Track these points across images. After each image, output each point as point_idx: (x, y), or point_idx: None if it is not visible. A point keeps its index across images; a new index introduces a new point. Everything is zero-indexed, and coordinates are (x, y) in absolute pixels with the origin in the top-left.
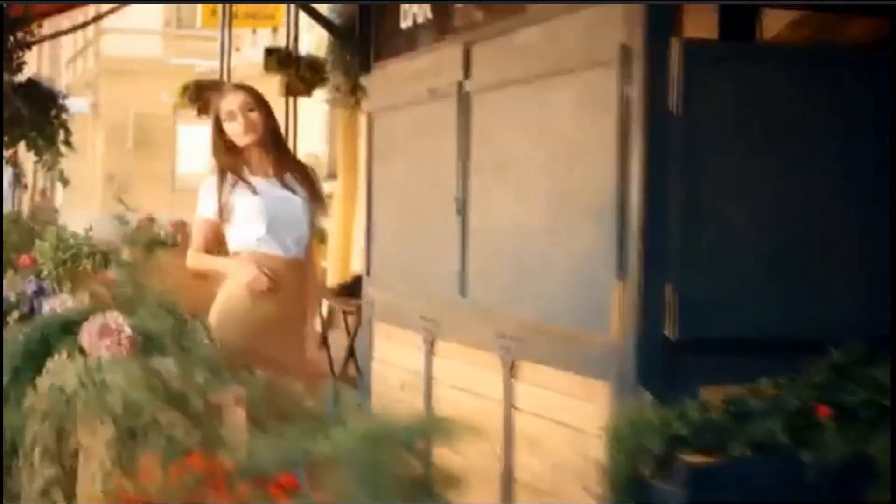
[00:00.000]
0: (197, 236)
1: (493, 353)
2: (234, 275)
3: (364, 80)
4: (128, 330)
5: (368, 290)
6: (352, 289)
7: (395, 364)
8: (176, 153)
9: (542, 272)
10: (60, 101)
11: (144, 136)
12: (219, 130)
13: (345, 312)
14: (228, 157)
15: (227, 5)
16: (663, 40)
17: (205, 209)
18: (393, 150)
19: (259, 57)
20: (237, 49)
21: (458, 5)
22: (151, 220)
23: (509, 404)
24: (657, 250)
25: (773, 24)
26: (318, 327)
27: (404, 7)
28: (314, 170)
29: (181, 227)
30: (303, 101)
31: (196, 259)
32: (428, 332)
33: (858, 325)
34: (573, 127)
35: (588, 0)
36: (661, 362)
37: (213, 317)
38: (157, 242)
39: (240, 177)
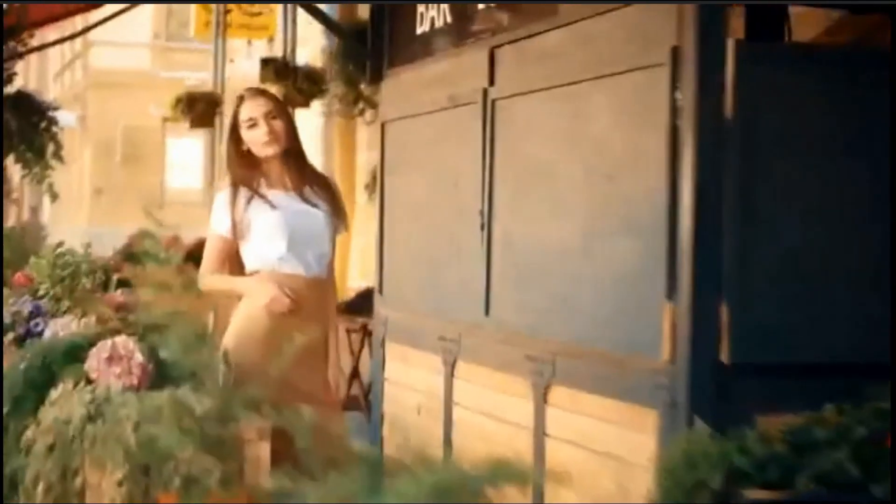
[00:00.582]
0: (210, 255)
1: (522, 376)
2: (253, 295)
3: (376, 89)
4: (139, 356)
5: (380, 308)
6: (353, 306)
7: (411, 386)
8: (165, 167)
9: (578, 291)
10: (50, 114)
11: (133, 150)
12: (236, 139)
13: (348, 331)
14: (244, 168)
15: (222, 15)
16: (717, 41)
17: (219, 225)
18: (409, 161)
19: (253, 69)
20: (231, 60)
21: (480, 8)
22: (143, 234)
23: (541, 432)
24: (710, 268)
25: (803, 30)
26: (341, 354)
27: (420, 10)
28: (336, 182)
29: (174, 243)
30: (298, 112)
31: (210, 279)
32: (448, 353)
33: None
34: (613, 135)
35: (615, 0)
36: (715, 388)
37: (230, 340)
38: (154, 260)
39: (256, 191)
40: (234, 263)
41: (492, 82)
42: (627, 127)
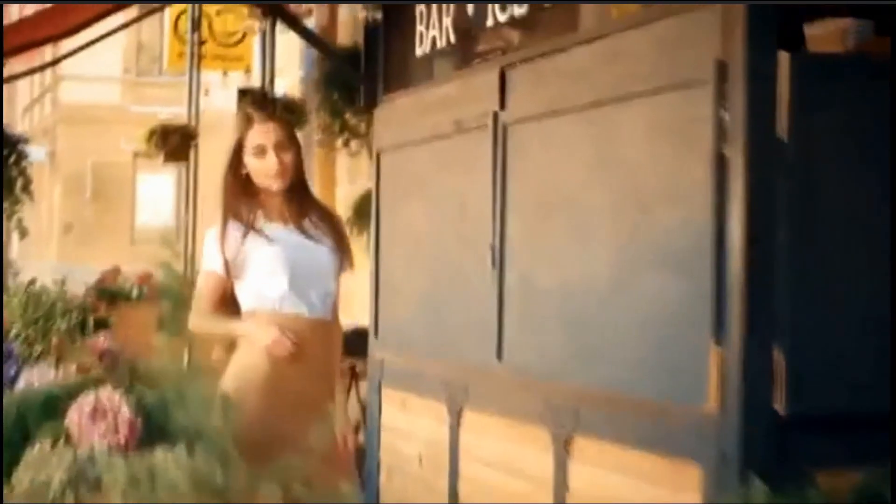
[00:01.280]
0: (203, 295)
1: (540, 426)
2: (252, 338)
3: (361, 118)
4: (126, 411)
5: (375, 351)
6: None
7: (411, 435)
8: (135, 204)
9: (608, 332)
10: (20, 147)
11: (103, 186)
12: (236, 165)
13: None
14: (240, 198)
15: (196, 46)
16: (768, 53)
17: (212, 262)
18: (408, 191)
19: (229, 100)
20: (206, 92)
21: (488, 26)
22: (117, 271)
23: (562, 488)
24: (763, 308)
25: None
26: (348, 406)
27: (420, 29)
28: (339, 216)
29: (148, 280)
30: None
31: (203, 321)
32: (453, 400)
33: None
34: (647, 160)
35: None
36: (769, 441)
37: (226, 388)
38: (124, 296)
39: (251, 226)
40: (228, 304)
41: (503, 105)
42: (664, 151)
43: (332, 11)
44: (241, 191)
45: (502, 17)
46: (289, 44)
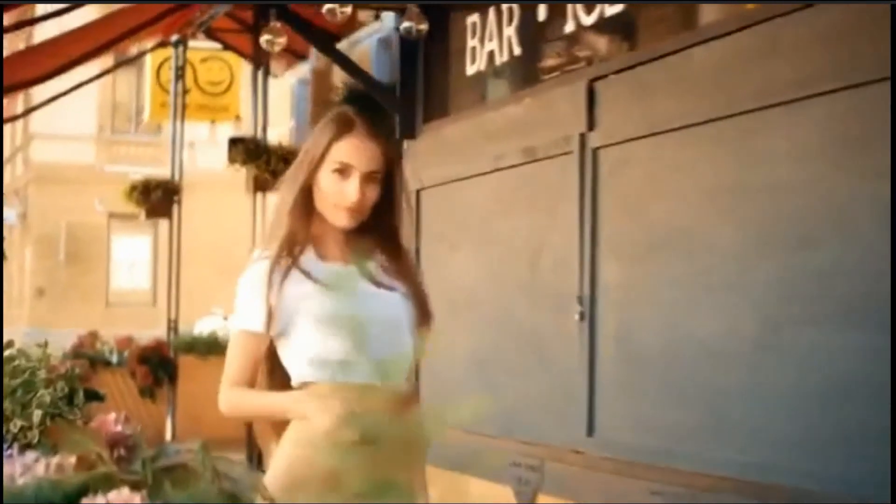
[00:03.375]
0: (236, 361)
1: None
2: (306, 419)
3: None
4: None
5: None
6: None
7: None
8: (109, 266)
9: (742, 403)
10: None
11: (77, 248)
12: (309, 175)
13: None
14: (302, 227)
15: (179, 96)
16: None
17: (250, 316)
18: (457, 235)
19: (217, 152)
20: (191, 144)
21: (567, 31)
22: (95, 336)
23: None
24: None
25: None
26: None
27: (472, 44)
28: (410, 253)
29: (129, 344)
30: (270, 197)
31: (237, 397)
32: (524, 483)
33: None
34: (800, 180)
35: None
36: None
37: (275, 487)
38: (102, 361)
39: (296, 263)
40: (275, 371)
41: (591, 126)
42: (824, 170)
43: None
44: (304, 215)
45: (588, 20)
46: (279, 93)
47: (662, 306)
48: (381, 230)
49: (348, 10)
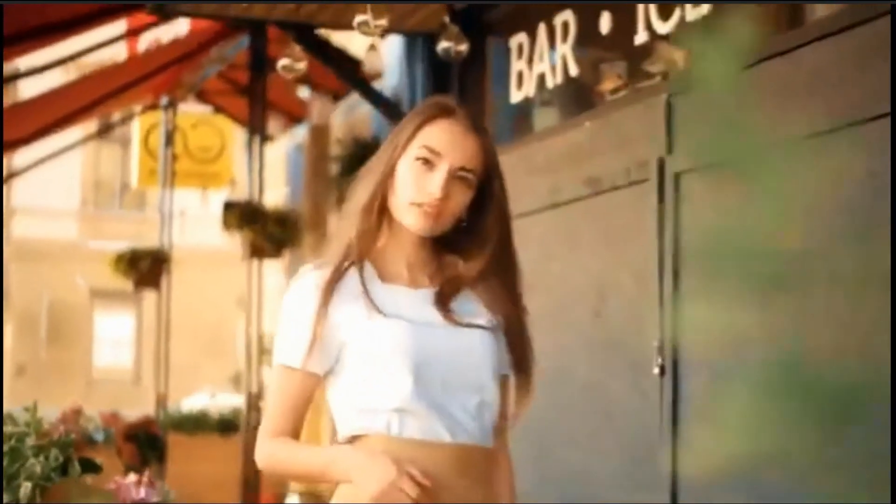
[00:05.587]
0: (274, 406)
1: None
2: (355, 479)
3: None
4: None
5: None
6: None
7: None
8: (92, 343)
9: None
10: None
11: (58, 325)
12: (389, 164)
13: None
14: (374, 227)
15: (168, 162)
16: None
17: (288, 348)
18: None
19: (199, 232)
20: (181, 213)
21: (638, 42)
22: (79, 411)
23: None
24: None
25: None
26: None
27: (520, 68)
28: (515, 269)
29: (115, 421)
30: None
31: (278, 450)
32: None
33: None
34: None
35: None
36: None
37: None
38: (87, 438)
39: (357, 280)
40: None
41: (670, 148)
42: None
43: (325, 109)
44: (376, 218)
45: (664, 28)
46: (273, 159)
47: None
48: (468, 248)
49: (384, 22)
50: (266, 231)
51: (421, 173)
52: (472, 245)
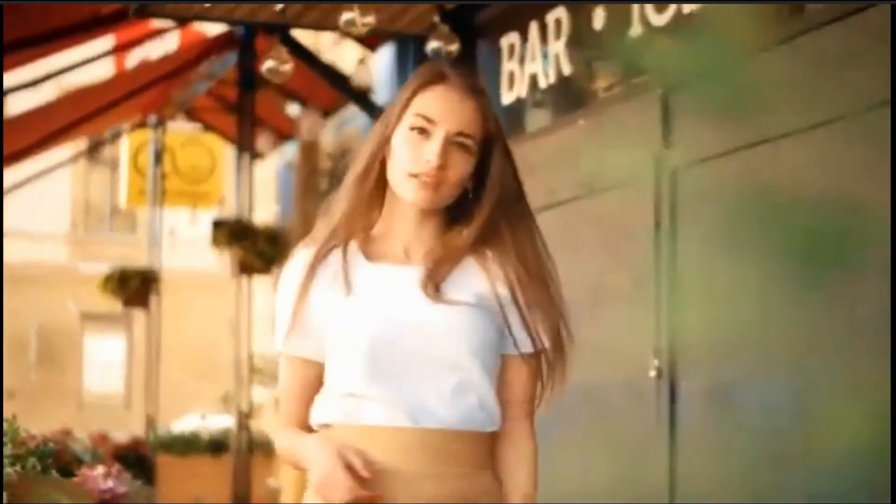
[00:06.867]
0: (282, 396)
1: None
2: (309, 470)
3: None
4: None
5: None
6: None
7: None
8: (83, 367)
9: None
10: None
11: (48, 349)
12: (383, 136)
13: None
14: (367, 201)
15: (157, 181)
16: None
17: (280, 336)
18: None
19: (198, 236)
20: (171, 232)
21: (632, 37)
22: (67, 433)
23: None
24: None
25: None
26: None
27: (510, 68)
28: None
29: (104, 442)
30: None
31: (278, 439)
32: None
33: None
34: None
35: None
36: None
37: None
38: (76, 460)
39: (342, 258)
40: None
41: (667, 143)
42: None
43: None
44: (370, 190)
45: (659, 21)
46: (263, 177)
47: (767, 361)
48: (469, 218)
49: (370, 20)
50: (256, 248)
51: (416, 143)
52: (472, 214)
